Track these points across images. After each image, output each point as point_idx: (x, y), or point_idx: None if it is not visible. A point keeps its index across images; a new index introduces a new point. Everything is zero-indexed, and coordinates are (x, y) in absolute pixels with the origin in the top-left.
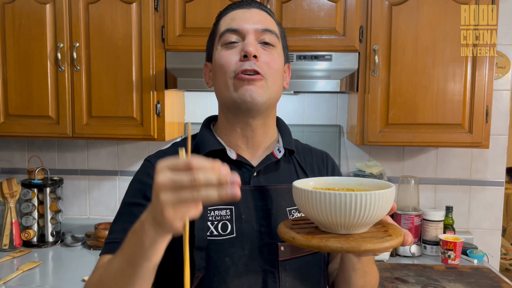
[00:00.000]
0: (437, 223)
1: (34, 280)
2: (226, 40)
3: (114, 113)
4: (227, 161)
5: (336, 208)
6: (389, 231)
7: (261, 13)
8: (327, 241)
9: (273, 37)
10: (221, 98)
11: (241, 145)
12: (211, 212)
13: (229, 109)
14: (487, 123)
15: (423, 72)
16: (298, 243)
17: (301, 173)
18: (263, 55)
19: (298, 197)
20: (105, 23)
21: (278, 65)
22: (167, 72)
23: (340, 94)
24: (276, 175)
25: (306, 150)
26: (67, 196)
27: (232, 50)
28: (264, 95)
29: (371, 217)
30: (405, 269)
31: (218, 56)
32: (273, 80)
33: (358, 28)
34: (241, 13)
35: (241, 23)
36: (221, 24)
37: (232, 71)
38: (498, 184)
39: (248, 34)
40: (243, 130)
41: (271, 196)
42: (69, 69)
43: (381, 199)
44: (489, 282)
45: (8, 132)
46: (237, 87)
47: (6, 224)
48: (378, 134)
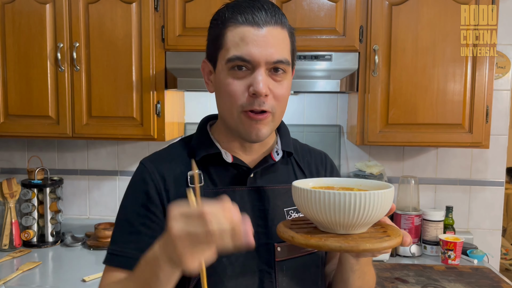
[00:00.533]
0: (437, 223)
1: (34, 280)
2: (234, 65)
3: (114, 113)
4: (223, 163)
5: (335, 208)
6: (387, 232)
7: (274, 31)
8: (326, 241)
9: (284, 65)
10: (225, 119)
11: (238, 151)
12: None
13: (231, 131)
14: (487, 123)
15: (423, 72)
16: (297, 242)
17: (300, 173)
18: (272, 90)
19: (298, 196)
20: (105, 23)
21: (287, 93)
22: (167, 72)
23: (340, 94)
24: (273, 177)
25: (305, 150)
26: (67, 196)
27: (240, 81)
28: (270, 128)
29: (370, 217)
30: (405, 269)
31: (225, 82)
32: (280, 110)
33: (358, 28)
34: (253, 34)
35: (252, 50)
36: (228, 37)
37: (239, 105)
38: (498, 184)
39: (259, 67)
40: (242, 144)
41: (268, 196)
42: (69, 69)
43: (380, 199)
44: (489, 282)
45: (8, 132)
46: (244, 123)
47: (6, 224)
48: (378, 134)
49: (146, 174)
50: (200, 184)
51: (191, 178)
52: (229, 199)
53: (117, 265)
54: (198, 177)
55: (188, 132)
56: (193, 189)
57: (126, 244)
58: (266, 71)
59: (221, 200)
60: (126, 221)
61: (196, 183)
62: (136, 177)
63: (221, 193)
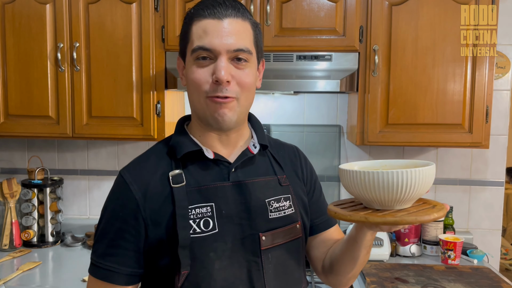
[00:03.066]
0: (437, 223)
1: (34, 280)
2: (198, 55)
3: (114, 113)
4: (203, 160)
5: (387, 186)
6: (432, 204)
7: (234, 23)
8: (397, 216)
9: (245, 54)
10: (194, 109)
11: (217, 145)
12: (192, 211)
13: (202, 120)
14: (487, 123)
15: (423, 72)
16: (373, 221)
17: (276, 165)
18: (235, 76)
19: (349, 179)
20: (105, 23)
21: (251, 81)
22: (167, 72)
23: (340, 94)
24: (253, 169)
25: (278, 144)
26: (67, 196)
27: (204, 69)
28: (236, 114)
29: (416, 192)
30: (405, 269)
31: (190, 71)
32: (245, 97)
33: (358, 28)
34: (213, 25)
35: (213, 40)
36: (193, 32)
37: (204, 91)
38: (498, 184)
39: (220, 56)
40: (218, 135)
41: (249, 189)
42: (69, 69)
43: (424, 175)
44: (489, 282)
45: (8, 132)
46: (210, 108)
47: (6, 224)
48: (378, 134)
49: (124, 186)
50: (182, 183)
51: (173, 178)
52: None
53: (100, 278)
54: (179, 176)
55: None
56: (175, 189)
57: (106, 257)
58: (228, 60)
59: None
60: (105, 233)
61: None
62: (115, 189)
63: (204, 190)
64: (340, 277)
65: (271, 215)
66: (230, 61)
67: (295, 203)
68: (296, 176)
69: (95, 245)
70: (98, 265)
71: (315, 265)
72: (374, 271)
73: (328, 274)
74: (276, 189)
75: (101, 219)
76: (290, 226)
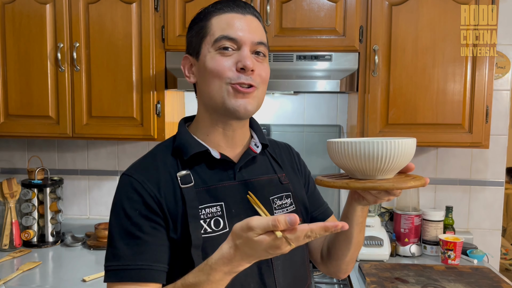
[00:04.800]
0: (437, 223)
1: (34, 280)
2: (221, 45)
3: (114, 113)
4: (211, 160)
5: (369, 155)
6: (412, 176)
7: (255, 20)
8: (374, 183)
9: (265, 48)
10: (209, 100)
11: (222, 144)
12: (202, 211)
13: (216, 110)
14: (487, 123)
15: (423, 72)
16: (354, 186)
17: (275, 164)
18: (257, 68)
19: (336, 150)
20: (105, 23)
21: (267, 74)
22: (167, 72)
23: (340, 94)
24: (255, 168)
25: (273, 143)
26: (67, 196)
27: (227, 57)
28: (255, 104)
29: (397, 162)
30: (405, 269)
31: (211, 60)
32: (262, 89)
33: (358, 28)
34: (237, 19)
35: (238, 32)
36: (213, 25)
37: (227, 77)
38: (498, 184)
39: (245, 46)
40: (224, 130)
41: (255, 188)
42: (69, 69)
43: (404, 147)
44: (489, 282)
45: (8, 132)
46: (232, 96)
47: (6, 224)
48: (378, 134)
49: (138, 185)
50: (190, 183)
51: (182, 178)
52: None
53: (128, 280)
54: (187, 176)
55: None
56: (184, 189)
57: (138, 255)
58: (250, 51)
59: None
60: (130, 234)
61: (260, 206)
62: (127, 190)
63: (212, 190)
64: (338, 262)
65: (276, 212)
66: (251, 53)
67: (295, 200)
68: (293, 173)
69: (115, 250)
70: (126, 268)
71: (314, 256)
72: (374, 271)
73: (327, 261)
74: (278, 187)
75: (119, 225)
76: None
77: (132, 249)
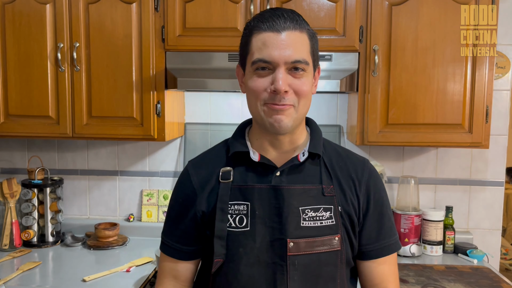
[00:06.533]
0: (437, 223)
1: (34, 280)
2: (257, 66)
3: (114, 113)
4: (252, 162)
5: None
6: None
7: (292, 35)
8: None
9: (302, 65)
10: (253, 115)
11: (269, 149)
12: (231, 206)
13: (259, 125)
14: (487, 123)
15: (423, 72)
16: None
17: (326, 175)
18: (292, 85)
19: None
20: (105, 23)
21: (307, 89)
22: (167, 72)
23: (340, 94)
24: (298, 176)
25: (341, 155)
26: (67, 196)
27: (263, 78)
28: (292, 120)
29: None
30: (405, 269)
31: (250, 80)
32: (302, 104)
33: (358, 28)
34: (272, 38)
35: (272, 53)
36: (253, 44)
37: (262, 99)
38: (498, 184)
39: (279, 67)
40: (271, 139)
41: (283, 195)
42: (69, 69)
43: None
44: (489, 282)
45: (8, 132)
46: (267, 114)
47: (6, 224)
48: (378, 134)
49: (186, 176)
50: (229, 180)
51: (222, 174)
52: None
53: (168, 254)
54: (228, 173)
55: (188, 132)
56: (222, 184)
57: (170, 237)
58: (286, 70)
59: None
60: (170, 216)
61: None
62: (180, 179)
63: (243, 189)
64: None
65: (304, 223)
66: (288, 71)
67: (337, 215)
68: (349, 189)
69: (164, 225)
70: (166, 243)
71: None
72: None
73: None
74: (316, 198)
75: (170, 203)
76: (326, 238)
77: (169, 230)
